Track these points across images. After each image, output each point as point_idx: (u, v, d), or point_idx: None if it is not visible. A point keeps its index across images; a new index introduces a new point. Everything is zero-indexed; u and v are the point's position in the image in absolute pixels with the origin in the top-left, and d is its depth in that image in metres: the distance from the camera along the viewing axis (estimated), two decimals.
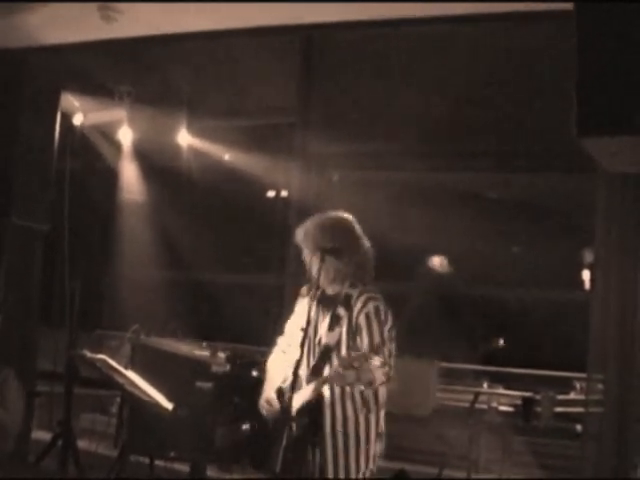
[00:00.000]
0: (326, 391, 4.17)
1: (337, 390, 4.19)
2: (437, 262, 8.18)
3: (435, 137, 6.83)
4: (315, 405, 4.17)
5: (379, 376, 3.91)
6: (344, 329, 4.21)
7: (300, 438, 4.15)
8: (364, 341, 4.13)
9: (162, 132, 7.74)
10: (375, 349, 3.98)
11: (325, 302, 4.37)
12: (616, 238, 5.99)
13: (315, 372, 4.20)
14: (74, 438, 5.62)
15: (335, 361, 4.13)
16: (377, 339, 4.13)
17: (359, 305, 4.22)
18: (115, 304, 8.39)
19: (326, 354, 4.21)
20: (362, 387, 4.07)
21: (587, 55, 3.62)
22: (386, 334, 4.17)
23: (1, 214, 6.43)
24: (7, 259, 6.93)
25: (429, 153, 6.93)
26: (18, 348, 6.93)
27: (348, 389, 4.18)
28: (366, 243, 4.40)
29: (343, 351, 4.18)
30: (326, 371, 4.15)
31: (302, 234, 4.45)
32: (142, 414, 5.49)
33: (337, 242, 4.28)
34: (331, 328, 4.24)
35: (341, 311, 4.24)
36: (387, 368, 3.94)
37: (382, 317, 4.21)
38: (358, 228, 4.41)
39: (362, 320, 4.19)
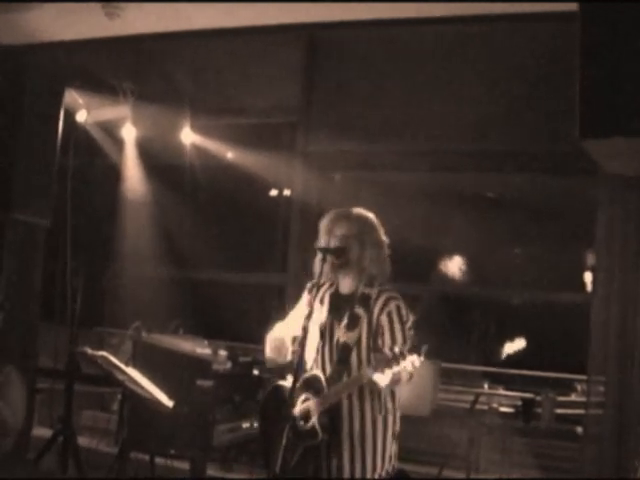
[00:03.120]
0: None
1: (355, 392, 4.16)
2: (449, 264, 8.19)
3: (437, 137, 6.83)
4: (335, 406, 4.13)
5: (404, 375, 3.87)
6: (364, 329, 4.17)
7: (322, 441, 4.13)
8: (386, 340, 4.09)
9: (165, 130, 7.73)
10: (413, 351, 3.87)
11: (340, 301, 4.33)
12: (617, 240, 6.00)
13: (335, 373, 4.15)
14: (74, 435, 5.61)
15: (354, 360, 4.12)
16: (400, 338, 4.09)
17: (379, 305, 4.17)
18: (117, 301, 8.40)
19: (345, 354, 4.16)
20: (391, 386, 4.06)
21: (590, 57, 3.62)
22: (407, 333, 4.15)
23: (3, 209, 6.42)
24: (8, 254, 6.94)
25: (431, 153, 6.93)
26: (19, 345, 6.94)
27: (367, 391, 4.16)
28: (383, 242, 4.37)
29: (363, 351, 4.16)
30: (360, 370, 4.08)
31: (321, 228, 4.40)
32: (143, 411, 5.49)
33: (342, 241, 4.26)
34: (350, 328, 4.18)
35: (359, 311, 4.18)
36: (411, 367, 3.88)
37: (404, 316, 4.18)
38: (374, 226, 4.37)
39: (384, 319, 4.14)
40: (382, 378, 3.86)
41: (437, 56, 6.89)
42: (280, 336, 4.40)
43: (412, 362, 3.80)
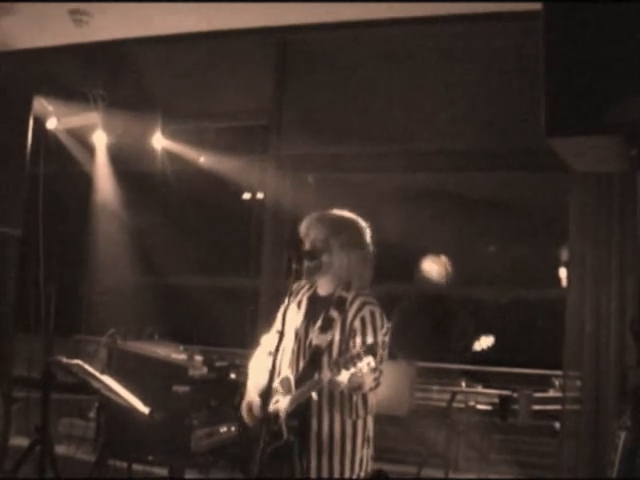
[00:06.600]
0: (314, 395, 4.10)
1: (325, 396, 4.15)
2: (431, 263, 8.17)
3: (409, 138, 6.85)
4: (305, 408, 4.14)
5: (369, 381, 3.84)
6: (337, 332, 4.15)
7: (288, 441, 4.13)
8: (357, 344, 4.04)
9: (136, 135, 7.71)
10: (368, 352, 3.85)
11: (317, 304, 4.32)
12: (590, 236, 6.04)
13: (305, 374, 4.14)
14: (52, 444, 5.58)
15: (325, 363, 4.08)
16: (371, 343, 4.05)
17: (354, 309, 4.16)
18: (92, 309, 8.36)
19: (316, 356, 4.14)
20: (352, 392, 4.04)
21: (554, 54, 3.62)
22: (380, 339, 4.08)
23: None
24: None
25: (404, 153, 6.95)
26: None
27: (337, 395, 4.15)
28: (359, 244, 4.34)
29: (335, 354, 4.11)
30: (316, 374, 4.04)
31: (300, 232, 4.39)
32: (120, 418, 5.48)
33: (313, 244, 4.26)
34: (323, 330, 4.17)
35: (334, 313, 4.17)
36: (377, 374, 3.86)
37: (377, 322, 4.14)
38: (349, 228, 4.32)
39: (357, 324, 4.12)
40: (339, 379, 3.85)
41: (408, 57, 6.91)
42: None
43: (368, 363, 3.75)
